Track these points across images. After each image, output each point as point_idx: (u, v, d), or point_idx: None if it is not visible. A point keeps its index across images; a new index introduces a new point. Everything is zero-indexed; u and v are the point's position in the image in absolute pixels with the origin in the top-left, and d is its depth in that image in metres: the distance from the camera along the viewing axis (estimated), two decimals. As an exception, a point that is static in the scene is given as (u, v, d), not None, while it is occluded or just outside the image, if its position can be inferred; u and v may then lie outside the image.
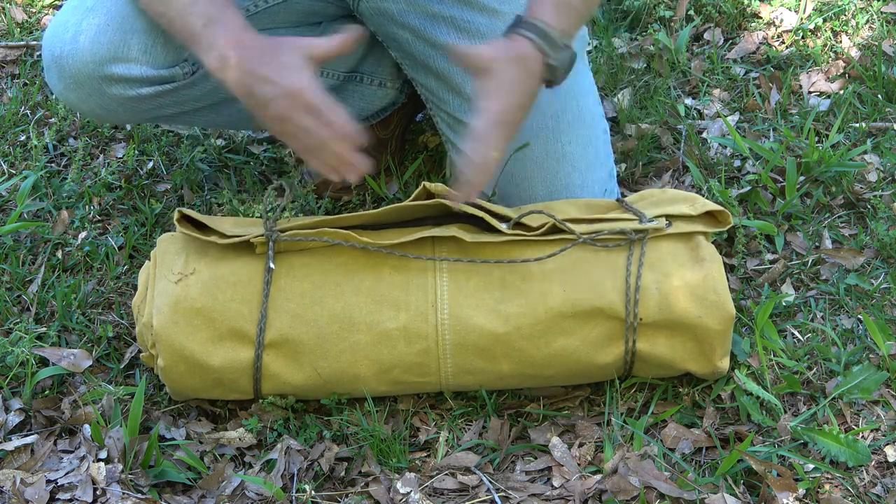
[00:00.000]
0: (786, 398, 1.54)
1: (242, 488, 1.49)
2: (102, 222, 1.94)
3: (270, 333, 1.49)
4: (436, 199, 1.50)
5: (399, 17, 1.72)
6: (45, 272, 1.82)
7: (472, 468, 1.50)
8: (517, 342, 1.48)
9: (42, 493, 1.44)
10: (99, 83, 1.67)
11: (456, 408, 1.59)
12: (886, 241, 1.73)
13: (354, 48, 1.41)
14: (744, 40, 2.22)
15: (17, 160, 2.07)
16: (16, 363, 1.63)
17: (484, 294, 1.48)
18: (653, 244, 1.51)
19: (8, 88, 2.28)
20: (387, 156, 1.98)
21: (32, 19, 2.48)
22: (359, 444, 1.53)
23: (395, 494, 1.46)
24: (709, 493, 1.40)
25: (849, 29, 2.21)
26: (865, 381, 1.52)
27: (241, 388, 1.52)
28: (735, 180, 1.90)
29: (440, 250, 1.51)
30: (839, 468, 1.43)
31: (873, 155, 1.90)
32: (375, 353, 1.49)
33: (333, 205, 1.93)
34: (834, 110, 2.02)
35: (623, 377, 1.55)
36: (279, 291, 1.49)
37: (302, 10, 1.76)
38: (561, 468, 1.48)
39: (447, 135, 1.76)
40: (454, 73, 1.70)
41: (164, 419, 1.58)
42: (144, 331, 1.51)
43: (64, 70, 1.67)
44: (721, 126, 2.00)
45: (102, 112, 1.72)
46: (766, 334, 1.58)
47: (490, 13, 1.69)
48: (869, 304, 1.66)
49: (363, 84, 1.89)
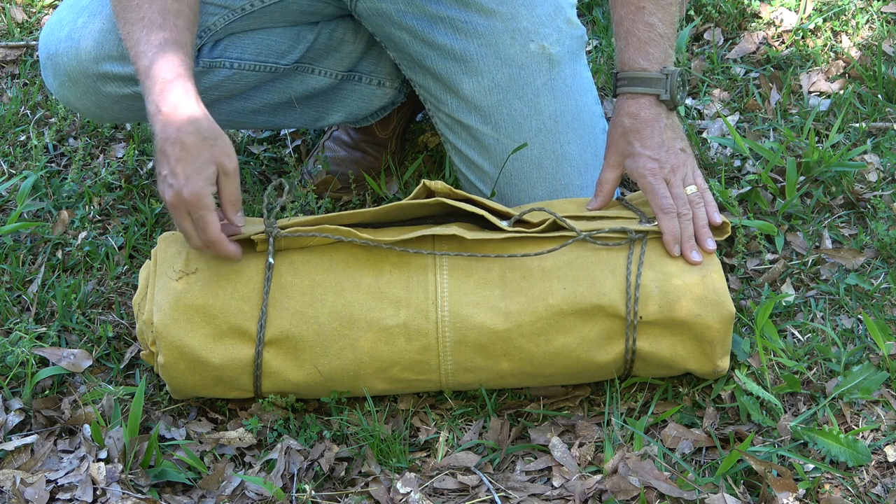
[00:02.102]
0: (786, 398, 1.54)
1: (242, 488, 1.49)
2: (102, 222, 1.94)
3: (271, 330, 1.49)
4: (436, 198, 1.50)
5: (397, 17, 1.72)
6: (45, 272, 1.82)
7: (472, 468, 1.50)
8: (517, 340, 1.48)
9: (42, 493, 1.44)
10: (94, 81, 1.67)
11: (456, 407, 1.59)
12: (886, 241, 1.73)
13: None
14: (744, 40, 2.22)
15: (17, 160, 2.07)
16: (16, 363, 1.63)
17: (484, 291, 1.48)
18: (653, 243, 1.51)
19: (8, 88, 2.28)
20: (387, 156, 1.98)
21: (32, 19, 2.48)
22: (359, 444, 1.53)
23: (395, 494, 1.46)
24: (709, 493, 1.40)
25: (849, 29, 2.21)
26: (865, 381, 1.52)
27: (241, 385, 1.52)
28: (735, 180, 1.90)
29: (440, 248, 1.51)
30: (839, 468, 1.43)
31: (873, 155, 1.90)
32: (376, 350, 1.49)
33: (333, 205, 1.93)
34: (834, 110, 2.02)
35: (623, 377, 1.55)
36: (280, 289, 1.49)
37: (299, 9, 1.76)
38: (561, 468, 1.48)
39: (446, 135, 1.76)
40: (452, 73, 1.70)
41: (164, 419, 1.58)
42: (145, 328, 1.51)
43: (59, 68, 1.68)
44: (721, 126, 2.00)
45: (98, 110, 1.72)
46: (766, 334, 1.58)
47: (488, 13, 1.69)
48: (869, 304, 1.66)
49: (362, 83, 1.89)
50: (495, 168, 1.70)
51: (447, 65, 1.70)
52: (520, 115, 1.68)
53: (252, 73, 1.78)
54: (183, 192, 1.43)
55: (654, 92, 1.55)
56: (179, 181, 1.43)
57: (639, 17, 1.55)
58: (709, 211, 1.55)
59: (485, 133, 1.70)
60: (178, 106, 1.46)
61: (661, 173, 1.54)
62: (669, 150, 1.55)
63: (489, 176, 1.71)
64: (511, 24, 1.69)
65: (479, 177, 1.73)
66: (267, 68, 1.79)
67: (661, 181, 1.54)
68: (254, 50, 1.77)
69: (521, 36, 1.69)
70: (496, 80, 1.68)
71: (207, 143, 1.45)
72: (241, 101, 1.82)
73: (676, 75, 1.55)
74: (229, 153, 1.46)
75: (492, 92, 1.69)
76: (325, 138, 2.01)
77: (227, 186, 1.46)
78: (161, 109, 1.46)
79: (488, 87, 1.69)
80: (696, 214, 1.53)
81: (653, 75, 1.55)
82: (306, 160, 2.00)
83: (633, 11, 1.56)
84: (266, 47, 1.77)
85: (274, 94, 1.83)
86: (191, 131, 1.45)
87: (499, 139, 1.69)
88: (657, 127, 1.55)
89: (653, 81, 1.55)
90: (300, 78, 1.83)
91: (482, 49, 1.68)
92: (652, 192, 1.54)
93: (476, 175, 1.73)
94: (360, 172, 1.95)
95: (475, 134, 1.71)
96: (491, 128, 1.69)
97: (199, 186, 1.43)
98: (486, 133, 1.70)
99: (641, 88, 1.55)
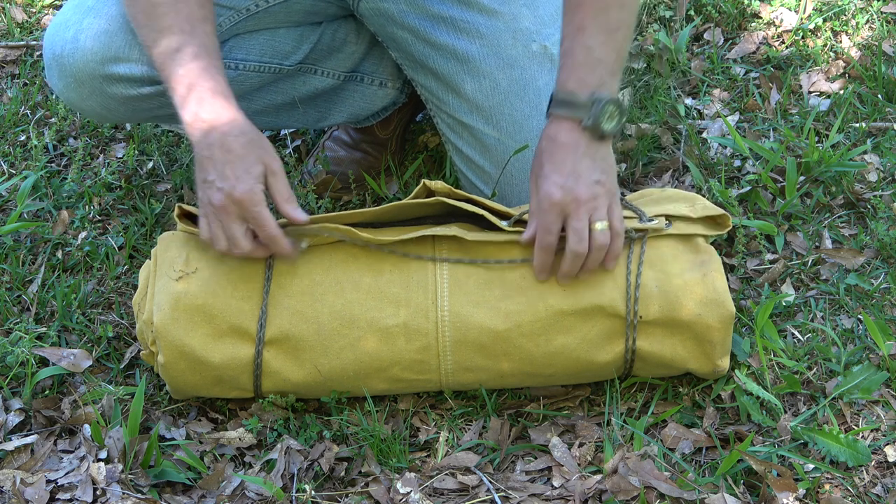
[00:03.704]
0: (786, 398, 1.54)
1: (242, 488, 1.49)
2: (102, 222, 1.94)
3: (271, 330, 1.49)
4: (436, 198, 1.50)
5: (399, 17, 1.72)
6: (45, 272, 1.82)
7: (472, 468, 1.50)
8: (517, 339, 1.48)
9: (42, 493, 1.44)
10: (100, 82, 1.67)
11: (456, 407, 1.59)
12: (886, 241, 1.73)
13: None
14: (744, 40, 2.22)
15: (17, 160, 2.07)
16: (16, 363, 1.63)
17: (484, 291, 1.48)
18: (653, 243, 1.51)
19: (8, 88, 2.28)
20: (387, 156, 1.98)
21: (32, 19, 2.48)
22: (359, 444, 1.53)
23: (395, 494, 1.46)
24: (709, 493, 1.40)
25: (849, 29, 2.21)
26: (865, 381, 1.52)
27: (241, 385, 1.52)
28: (735, 180, 1.90)
29: (440, 248, 1.51)
30: (839, 468, 1.43)
31: (873, 155, 1.90)
32: (376, 350, 1.49)
33: (333, 204, 1.93)
34: (834, 110, 2.02)
35: (623, 377, 1.55)
36: (280, 288, 1.49)
37: (303, 9, 1.76)
38: (561, 468, 1.48)
39: (447, 135, 1.76)
40: (453, 73, 1.70)
41: (164, 419, 1.58)
42: (145, 328, 1.51)
43: (65, 69, 1.67)
44: (721, 126, 2.00)
45: (103, 111, 1.72)
46: (766, 334, 1.58)
47: (490, 14, 1.69)
48: (869, 304, 1.66)
49: (364, 84, 1.89)
50: (496, 168, 1.70)
51: (449, 65, 1.70)
52: (521, 116, 1.68)
53: (256, 74, 1.78)
54: (235, 193, 1.43)
55: (576, 117, 1.45)
56: (230, 182, 1.43)
57: (578, 38, 1.47)
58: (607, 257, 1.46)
59: (486, 133, 1.70)
60: (219, 112, 1.46)
61: (561, 204, 1.44)
62: (580, 179, 1.44)
63: (490, 176, 1.72)
64: (513, 24, 1.69)
65: (480, 177, 1.73)
66: (271, 69, 1.79)
67: (557, 213, 1.45)
68: (258, 51, 1.77)
69: (523, 36, 1.69)
70: (498, 81, 1.68)
71: (254, 145, 1.45)
72: (245, 102, 1.81)
73: (606, 103, 1.44)
74: (273, 154, 1.47)
75: (493, 92, 1.69)
76: (325, 138, 2.01)
77: (277, 185, 1.46)
78: (201, 117, 1.46)
79: (490, 88, 1.69)
80: (592, 257, 1.45)
81: (578, 99, 1.45)
82: (306, 160, 2.00)
83: (574, 31, 1.48)
84: (270, 48, 1.78)
85: (277, 94, 1.83)
86: (236, 134, 1.45)
87: (500, 139, 1.69)
88: (572, 154, 1.45)
89: (577, 106, 1.45)
90: (303, 79, 1.83)
91: (484, 49, 1.68)
92: (539, 222, 1.46)
93: (477, 175, 1.73)
94: (360, 172, 1.95)
95: (476, 134, 1.71)
96: (492, 128, 1.69)
97: (250, 185, 1.43)
98: (487, 133, 1.70)
99: (564, 111, 1.46)
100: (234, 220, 1.45)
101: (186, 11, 1.51)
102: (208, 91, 1.47)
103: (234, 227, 1.45)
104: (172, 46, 1.49)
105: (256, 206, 1.44)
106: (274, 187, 1.46)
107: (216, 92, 1.47)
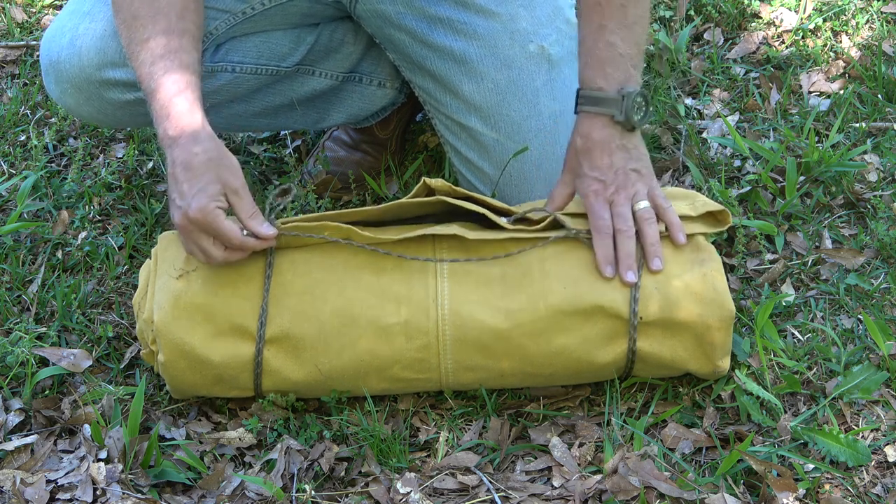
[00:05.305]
0: (786, 398, 1.54)
1: (242, 488, 1.49)
2: (102, 222, 1.94)
3: (271, 329, 1.49)
4: (436, 197, 1.50)
5: (396, 19, 1.71)
6: (45, 272, 1.82)
7: (472, 468, 1.50)
8: (517, 339, 1.48)
9: (42, 493, 1.44)
10: (97, 87, 1.67)
11: (456, 407, 1.59)
12: (886, 241, 1.73)
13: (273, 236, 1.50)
14: (744, 40, 2.22)
15: (17, 160, 2.07)
16: (16, 363, 1.63)
17: (485, 290, 1.48)
18: (653, 243, 1.51)
19: (8, 88, 2.28)
20: (387, 156, 1.98)
21: (32, 19, 2.48)
22: (359, 444, 1.53)
23: (395, 494, 1.46)
24: (709, 493, 1.39)
25: (849, 29, 2.21)
26: (865, 381, 1.52)
27: (241, 384, 1.52)
28: (735, 180, 1.90)
29: (441, 247, 1.51)
30: (839, 468, 1.43)
31: (873, 155, 1.90)
32: (376, 349, 1.49)
33: (333, 204, 1.93)
34: (834, 110, 2.02)
35: (623, 377, 1.55)
36: (280, 287, 1.49)
37: (299, 12, 1.76)
38: (561, 468, 1.48)
39: (445, 136, 1.76)
40: (451, 74, 1.70)
41: (164, 419, 1.58)
42: (145, 327, 1.51)
43: (61, 74, 1.67)
44: (721, 126, 2.00)
45: (100, 116, 1.72)
46: (766, 334, 1.58)
47: (487, 15, 1.69)
48: (869, 304, 1.66)
49: (362, 84, 1.89)
50: (495, 169, 1.70)
51: (446, 66, 1.70)
52: (519, 116, 1.68)
53: (253, 76, 1.78)
54: (189, 212, 1.43)
55: (608, 112, 1.50)
56: (186, 201, 1.43)
57: (600, 35, 1.51)
58: (670, 230, 1.50)
59: (484, 134, 1.70)
60: (184, 129, 1.46)
61: (605, 194, 1.50)
62: (618, 171, 1.50)
63: (489, 177, 1.72)
64: (510, 25, 1.69)
65: (479, 178, 1.73)
66: (268, 71, 1.79)
67: (603, 202, 1.50)
68: (255, 53, 1.77)
69: (521, 37, 1.69)
70: (496, 81, 1.68)
71: (213, 164, 1.45)
72: (243, 104, 1.82)
73: (635, 96, 1.50)
74: (235, 171, 1.46)
75: (491, 93, 1.69)
76: (324, 138, 2.01)
77: (238, 203, 1.46)
78: (169, 133, 1.47)
79: (488, 89, 1.69)
80: (645, 232, 1.48)
81: (608, 95, 1.50)
82: (306, 160, 2.00)
83: (595, 30, 1.51)
84: (267, 50, 1.78)
85: (275, 96, 1.83)
86: (197, 152, 1.45)
87: (498, 140, 1.69)
88: (608, 148, 1.51)
89: (608, 102, 1.50)
90: (301, 80, 1.83)
91: (481, 50, 1.68)
92: (590, 212, 1.50)
93: (476, 176, 1.73)
94: (360, 172, 1.95)
95: (475, 135, 1.71)
96: (490, 129, 1.69)
97: (202, 203, 1.43)
98: (485, 134, 1.70)
99: (595, 108, 1.51)
100: (199, 235, 1.45)
101: (164, 24, 1.51)
102: (176, 108, 1.47)
103: (202, 241, 1.45)
104: (148, 60, 1.50)
105: (212, 223, 1.43)
106: (236, 206, 1.46)
107: (183, 109, 1.47)
